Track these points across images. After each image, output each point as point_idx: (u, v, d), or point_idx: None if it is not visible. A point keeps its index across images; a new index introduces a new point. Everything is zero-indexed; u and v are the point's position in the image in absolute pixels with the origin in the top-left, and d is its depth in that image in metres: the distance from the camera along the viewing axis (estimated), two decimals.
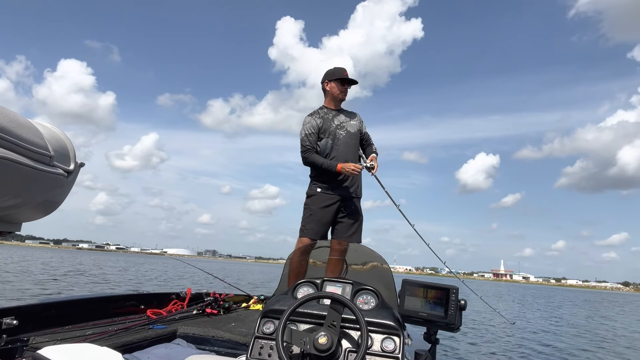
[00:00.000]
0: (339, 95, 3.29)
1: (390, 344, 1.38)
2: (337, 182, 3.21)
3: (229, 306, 2.99)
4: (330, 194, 3.21)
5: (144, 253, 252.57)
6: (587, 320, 17.53)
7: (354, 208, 3.27)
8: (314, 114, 3.30)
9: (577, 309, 24.47)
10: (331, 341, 1.25)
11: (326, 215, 3.19)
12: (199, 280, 18.68)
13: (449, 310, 1.42)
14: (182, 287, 3.50)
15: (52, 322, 2.00)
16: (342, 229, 3.23)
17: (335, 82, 3.26)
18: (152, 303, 2.75)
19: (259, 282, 24.45)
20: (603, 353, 8.95)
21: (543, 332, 11.63)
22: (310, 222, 3.19)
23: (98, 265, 31.49)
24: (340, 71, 3.27)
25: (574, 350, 8.93)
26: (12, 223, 1.10)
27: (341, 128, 3.26)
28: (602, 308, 29.12)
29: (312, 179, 3.31)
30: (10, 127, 0.87)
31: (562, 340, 10.27)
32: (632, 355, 9.04)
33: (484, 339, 9.34)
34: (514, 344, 9.01)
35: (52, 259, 39.68)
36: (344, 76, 3.24)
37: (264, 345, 1.43)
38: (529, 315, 17.57)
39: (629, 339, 11.80)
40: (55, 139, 1.08)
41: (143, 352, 1.84)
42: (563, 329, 12.95)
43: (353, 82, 3.30)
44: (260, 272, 49.38)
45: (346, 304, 1.33)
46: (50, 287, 12.42)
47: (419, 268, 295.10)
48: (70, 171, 1.12)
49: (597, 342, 10.65)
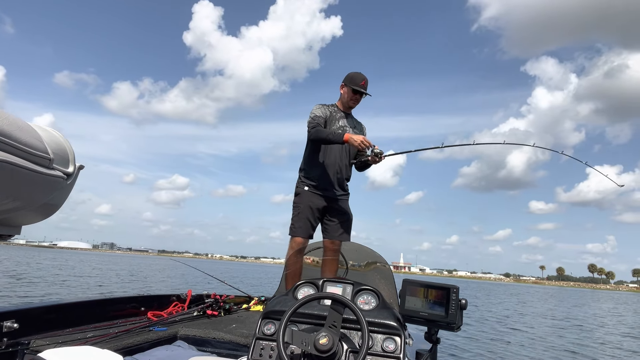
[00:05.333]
0: (349, 102, 3.30)
1: (392, 344, 1.38)
2: (324, 179, 3.20)
3: (229, 307, 2.99)
4: (317, 192, 3.19)
5: (31, 245, 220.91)
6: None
7: (342, 206, 3.26)
8: (325, 105, 3.31)
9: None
10: (332, 342, 1.25)
11: (314, 213, 3.17)
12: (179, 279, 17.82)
13: (450, 309, 1.42)
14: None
15: (52, 325, 2.00)
16: (333, 228, 3.22)
17: (348, 88, 3.26)
18: (153, 305, 2.74)
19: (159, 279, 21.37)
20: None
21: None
22: (299, 221, 3.16)
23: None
24: (357, 80, 3.25)
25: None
26: (12, 226, 1.09)
27: (342, 130, 3.25)
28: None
29: (300, 177, 3.28)
30: (10, 130, 0.87)
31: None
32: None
33: (485, 338, 9.35)
34: (512, 344, 9.03)
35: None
36: (359, 86, 3.23)
37: (264, 346, 1.43)
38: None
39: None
40: (55, 142, 1.08)
41: (144, 354, 1.84)
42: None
43: (365, 94, 3.28)
44: (165, 265, 46.53)
45: (347, 304, 1.33)
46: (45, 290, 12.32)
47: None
48: (69, 174, 1.12)
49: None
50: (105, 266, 33.54)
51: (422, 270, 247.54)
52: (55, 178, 1.05)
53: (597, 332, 12.80)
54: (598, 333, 12.61)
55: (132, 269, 32.67)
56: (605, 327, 14.59)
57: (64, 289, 13.31)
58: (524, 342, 9.25)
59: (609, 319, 18.54)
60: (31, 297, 10.28)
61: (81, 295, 11.74)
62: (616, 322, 17.24)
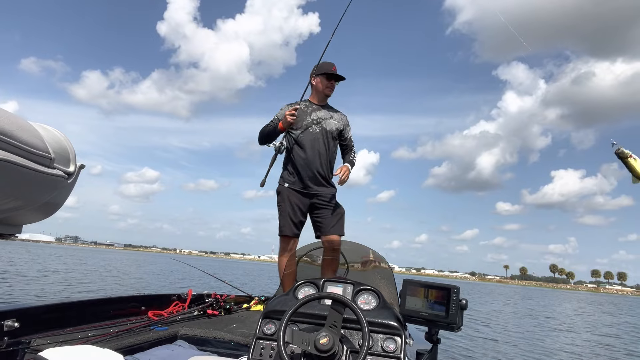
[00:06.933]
0: (325, 91, 3.17)
1: (392, 344, 1.38)
2: (303, 175, 3.09)
3: (230, 307, 2.99)
4: (296, 189, 3.10)
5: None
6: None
7: (327, 201, 3.13)
8: (291, 104, 3.19)
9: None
10: (332, 342, 1.25)
11: (295, 210, 3.07)
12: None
13: (450, 309, 1.42)
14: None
15: (53, 324, 2.00)
16: (323, 224, 3.11)
17: (321, 77, 3.15)
18: (153, 304, 2.74)
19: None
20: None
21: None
22: (282, 219, 3.08)
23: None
24: (328, 66, 3.15)
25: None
26: (12, 225, 1.10)
27: (317, 123, 3.13)
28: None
29: (281, 175, 3.20)
30: (11, 130, 0.87)
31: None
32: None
33: (485, 338, 9.35)
34: (513, 344, 9.03)
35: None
36: (331, 71, 3.12)
37: (265, 346, 1.43)
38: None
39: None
40: (56, 141, 1.08)
41: (144, 353, 1.84)
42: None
43: (340, 78, 3.17)
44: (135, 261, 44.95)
45: (347, 304, 1.33)
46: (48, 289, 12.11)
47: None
48: (70, 173, 1.13)
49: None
50: (76, 261, 32.35)
51: (391, 268, 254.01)
52: (56, 177, 1.05)
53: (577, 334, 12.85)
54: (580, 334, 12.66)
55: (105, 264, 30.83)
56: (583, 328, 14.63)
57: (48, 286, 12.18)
58: (517, 343, 9.26)
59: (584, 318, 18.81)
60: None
61: (80, 295, 11.69)
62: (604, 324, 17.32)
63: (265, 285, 20.06)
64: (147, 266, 33.98)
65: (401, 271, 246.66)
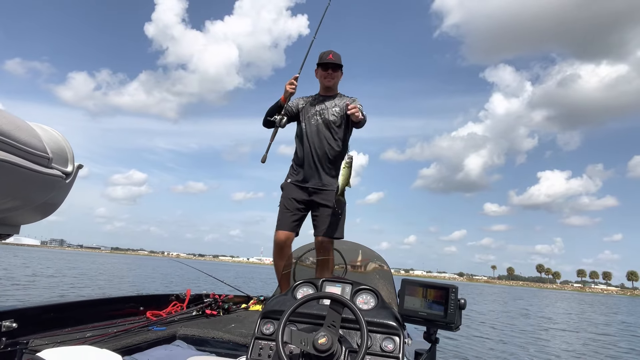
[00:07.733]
0: (324, 81, 3.12)
1: (390, 344, 1.39)
2: (303, 171, 3.05)
3: (228, 307, 2.99)
4: (297, 184, 3.06)
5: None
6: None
7: (325, 200, 3.02)
8: (301, 97, 3.19)
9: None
10: (331, 341, 1.25)
11: (293, 205, 3.01)
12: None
13: (449, 309, 1.42)
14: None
15: (51, 325, 1.99)
16: (317, 223, 3.03)
17: (318, 68, 3.12)
18: (152, 304, 2.74)
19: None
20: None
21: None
22: (280, 214, 3.04)
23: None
24: (323, 56, 3.10)
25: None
26: (10, 225, 1.09)
27: (319, 114, 3.07)
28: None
29: (289, 170, 3.16)
30: (9, 130, 0.87)
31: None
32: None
33: (483, 337, 9.37)
34: (512, 344, 9.05)
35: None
36: (325, 60, 3.06)
37: (263, 346, 1.43)
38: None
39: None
40: (54, 141, 1.08)
41: (143, 353, 1.84)
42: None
43: (335, 65, 3.08)
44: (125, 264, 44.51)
45: (346, 304, 1.33)
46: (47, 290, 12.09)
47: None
48: (68, 173, 1.12)
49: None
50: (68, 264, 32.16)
51: (389, 268, 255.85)
52: (54, 177, 1.05)
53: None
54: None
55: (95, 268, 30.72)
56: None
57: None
58: (514, 342, 9.28)
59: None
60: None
61: (80, 295, 11.66)
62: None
63: (259, 288, 19.99)
64: (140, 269, 33.62)
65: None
